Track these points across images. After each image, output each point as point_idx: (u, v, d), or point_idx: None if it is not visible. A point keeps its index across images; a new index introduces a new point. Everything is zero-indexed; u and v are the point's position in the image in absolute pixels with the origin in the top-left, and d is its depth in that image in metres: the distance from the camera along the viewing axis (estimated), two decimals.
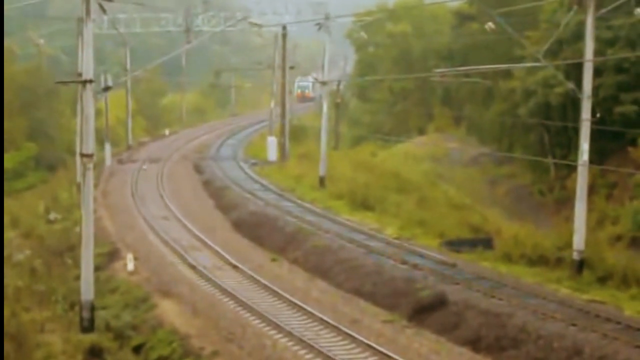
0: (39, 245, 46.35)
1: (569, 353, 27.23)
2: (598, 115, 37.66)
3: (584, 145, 36.74)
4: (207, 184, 65.34)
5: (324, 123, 62.58)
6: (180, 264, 41.38)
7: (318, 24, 61.48)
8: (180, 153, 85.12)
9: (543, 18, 59.86)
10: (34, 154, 73.95)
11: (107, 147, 76.42)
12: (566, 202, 51.69)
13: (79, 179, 46.75)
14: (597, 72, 44.92)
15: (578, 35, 46.11)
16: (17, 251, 44.20)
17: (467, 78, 69.36)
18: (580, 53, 39.00)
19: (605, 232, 47.31)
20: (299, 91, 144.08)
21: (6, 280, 35.93)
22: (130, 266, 40.53)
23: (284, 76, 75.06)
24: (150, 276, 39.33)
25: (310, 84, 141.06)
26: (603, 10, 37.06)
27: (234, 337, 30.49)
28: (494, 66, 56.21)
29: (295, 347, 29.14)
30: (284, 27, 74.66)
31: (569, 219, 39.88)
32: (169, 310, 33.97)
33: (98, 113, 52.42)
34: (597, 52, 41.46)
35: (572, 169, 44.82)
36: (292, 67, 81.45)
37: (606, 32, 53.13)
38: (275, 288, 36.14)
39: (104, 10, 34.96)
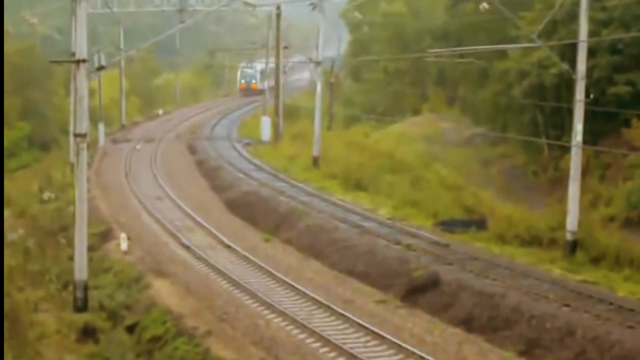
0: (32, 225, 46.29)
1: (562, 333, 27.33)
2: (592, 96, 37.67)
3: (578, 126, 36.77)
4: (200, 164, 65.32)
5: (318, 103, 62.51)
6: (174, 244, 41.42)
7: (312, 3, 61.31)
8: (174, 133, 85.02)
9: None
10: (27, 134, 73.75)
11: (101, 127, 76.27)
12: (560, 182, 51.70)
13: (72, 158, 46.65)
14: (592, 53, 44.85)
15: (572, 16, 46.02)
16: (11, 231, 44.14)
17: (462, 58, 69.20)
18: (575, 34, 38.97)
19: (598, 212, 47.31)
20: (243, 82, 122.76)
21: None
22: (124, 246, 40.51)
23: (278, 56, 74.89)
24: (143, 256, 39.36)
25: (258, 72, 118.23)
26: None
27: (227, 317, 30.57)
28: (489, 47, 56.05)
29: (289, 327, 29.24)
30: (278, 7, 74.39)
31: (563, 200, 39.94)
32: (162, 290, 34.01)
33: (91, 93, 52.28)
34: (592, 33, 41.40)
35: (566, 149, 44.81)
36: (285, 47, 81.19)
37: (601, 13, 53.01)
38: (268, 268, 36.21)
39: None
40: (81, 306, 32.02)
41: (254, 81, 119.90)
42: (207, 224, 44.76)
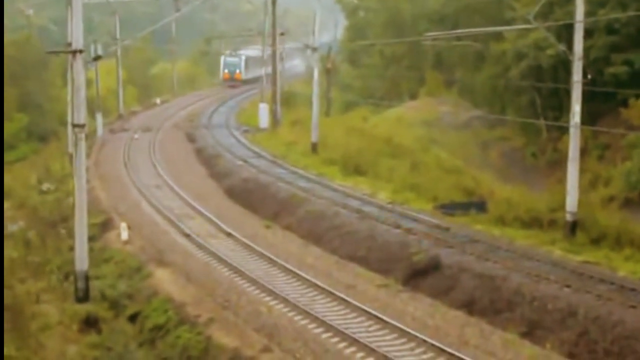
0: (33, 216, 46.32)
1: (563, 314, 27.36)
2: (589, 76, 37.57)
3: (576, 107, 36.73)
4: (199, 152, 65.27)
5: (315, 89, 62.40)
6: (174, 233, 41.41)
7: None
8: (172, 121, 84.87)
9: None
10: (25, 125, 73.67)
11: (99, 117, 76.10)
12: (558, 164, 51.70)
13: (71, 149, 46.62)
14: (588, 33, 44.79)
15: None
16: (11, 222, 44.17)
17: (459, 41, 69.14)
18: (571, 14, 38.89)
19: (597, 193, 47.37)
20: (226, 72, 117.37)
21: None
22: (124, 235, 40.52)
23: (274, 43, 74.77)
24: (144, 245, 39.36)
25: (243, 61, 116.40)
26: None
27: (229, 304, 30.60)
28: (485, 29, 55.99)
29: (291, 313, 29.26)
30: None
31: (562, 181, 39.91)
32: (163, 279, 34.04)
33: (88, 83, 52.29)
34: (588, 13, 41.32)
35: (564, 130, 44.82)
36: (282, 34, 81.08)
37: None
38: (269, 255, 36.22)
39: None
40: (83, 296, 32.03)
41: (238, 71, 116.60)
42: (206, 212, 44.75)
